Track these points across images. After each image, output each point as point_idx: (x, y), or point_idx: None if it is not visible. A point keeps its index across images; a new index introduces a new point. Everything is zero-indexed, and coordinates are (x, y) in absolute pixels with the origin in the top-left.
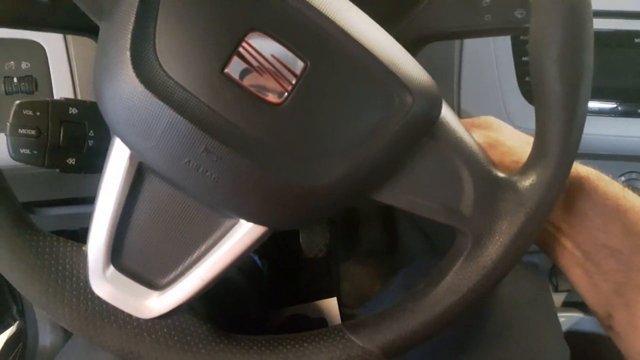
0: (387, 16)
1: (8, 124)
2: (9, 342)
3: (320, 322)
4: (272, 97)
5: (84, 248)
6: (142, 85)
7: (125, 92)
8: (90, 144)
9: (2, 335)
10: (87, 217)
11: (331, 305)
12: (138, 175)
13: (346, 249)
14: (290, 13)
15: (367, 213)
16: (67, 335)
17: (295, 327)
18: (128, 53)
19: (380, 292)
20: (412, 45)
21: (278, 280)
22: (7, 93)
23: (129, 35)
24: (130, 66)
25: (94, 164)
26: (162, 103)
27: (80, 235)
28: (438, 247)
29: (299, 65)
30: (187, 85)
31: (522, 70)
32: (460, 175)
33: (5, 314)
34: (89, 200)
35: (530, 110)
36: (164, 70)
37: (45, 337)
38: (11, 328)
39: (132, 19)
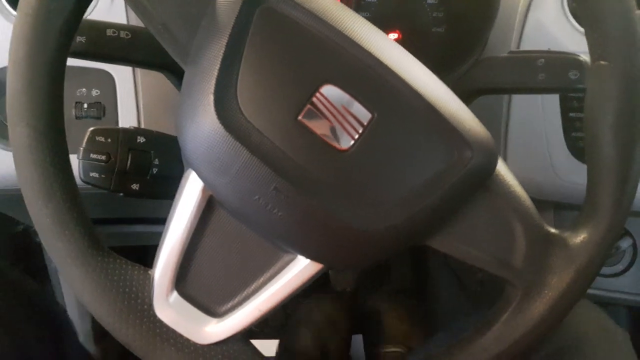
0: (442, 67)
1: (81, 148)
2: None
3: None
4: (339, 144)
5: (150, 272)
6: (222, 126)
7: (205, 131)
8: (154, 172)
9: None
10: (131, 236)
11: (356, 342)
12: (208, 208)
13: (375, 286)
14: (361, 68)
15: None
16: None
17: None
18: (212, 97)
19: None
20: (465, 97)
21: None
22: (77, 117)
23: (214, 81)
24: (212, 108)
25: (156, 190)
26: (239, 144)
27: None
28: (468, 287)
29: (366, 116)
30: (263, 129)
31: (569, 125)
32: (513, 229)
33: None
34: (131, 220)
35: (575, 164)
36: (243, 115)
37: None
38: None
39: (217, 66)
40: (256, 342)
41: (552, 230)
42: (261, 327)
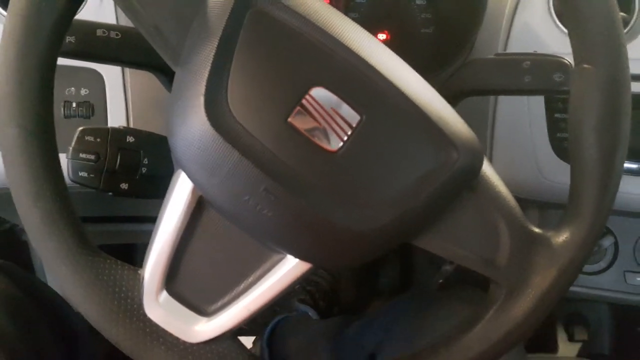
0: (430, 68)
1: (70, 148)
2: None
3: None
4: (328, 146)
5: (139, 272)
6: (212, 128)
7: (196, 133)
8: (143, 171)
9: None
10: (120, 234)
11: None
12: (197, 208)
13: (363, 283)
14: (349, 71)
15: None
16: None
17: None
18: (202, 98)
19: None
20: (452, 98)
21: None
22: (65, 116)
23: (204, 82)
24: (203, 110)
25: (145, 190)
26: (229, 145)
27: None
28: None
29: (355, 118)
30: (253, 130)
31: (554, 126)
32: (497, 228)
33: None
34: (120, 219)
35: (560, 164)
36: (234, 116)
37: None
38: None
39: (208, 68)
40: (243, 339)
41: (536, 229)
42: (249, 325)
